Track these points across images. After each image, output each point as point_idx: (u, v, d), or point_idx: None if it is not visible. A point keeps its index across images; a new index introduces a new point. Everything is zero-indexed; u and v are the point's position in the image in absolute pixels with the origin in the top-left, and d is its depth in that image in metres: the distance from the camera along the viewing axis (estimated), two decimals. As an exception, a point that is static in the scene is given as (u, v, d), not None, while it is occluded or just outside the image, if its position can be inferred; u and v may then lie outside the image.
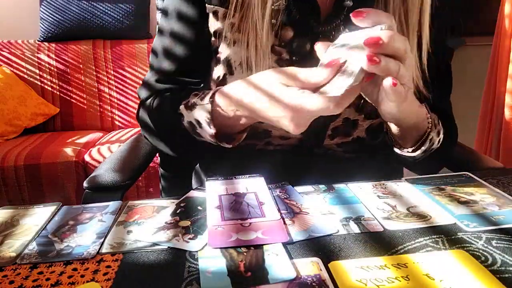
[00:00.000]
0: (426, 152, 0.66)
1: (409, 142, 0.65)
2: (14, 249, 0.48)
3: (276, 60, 0.66)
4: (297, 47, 0.65)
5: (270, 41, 0.64)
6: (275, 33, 0.65)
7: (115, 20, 2.21)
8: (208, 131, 0.62)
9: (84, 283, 0.42)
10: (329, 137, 0.71)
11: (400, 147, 0.66)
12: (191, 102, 0.63)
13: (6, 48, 2.19)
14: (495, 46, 1.80)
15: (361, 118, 0.69)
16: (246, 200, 0.57)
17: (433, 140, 0.65)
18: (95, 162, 1.73)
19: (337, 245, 0.46)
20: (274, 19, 0.63)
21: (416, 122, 0.61)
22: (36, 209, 0.58)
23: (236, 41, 0.65)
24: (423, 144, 0.64)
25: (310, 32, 0.65)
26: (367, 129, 0.71)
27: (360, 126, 0.70)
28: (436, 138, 0.65)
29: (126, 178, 0.76)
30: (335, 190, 0.60)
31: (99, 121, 2.22)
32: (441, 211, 0.53)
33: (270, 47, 0.65)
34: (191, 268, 0.43)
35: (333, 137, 0.71)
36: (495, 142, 1.83)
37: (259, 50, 0.63)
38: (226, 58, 0.67)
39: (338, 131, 0.70)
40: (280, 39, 0.65)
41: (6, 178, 1.69)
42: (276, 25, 0.64)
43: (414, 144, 0.65)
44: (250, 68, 0.64)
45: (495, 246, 0.45)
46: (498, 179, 0.63)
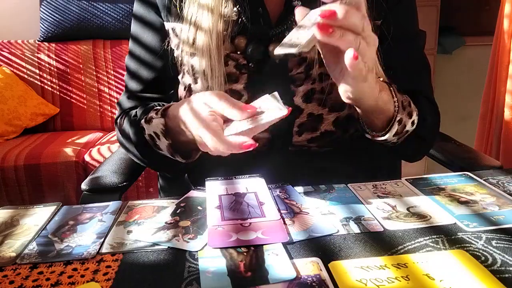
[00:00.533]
0: (400, 135, 0.67)
1: (378, 126, 0.65)
2: (14, 249, 0.48)
3: (235, 66, 0.69)
4: (252, 52, 0.68)
5: (225, 49, 0.68)
6: (230, 41, 0.68)
7: (115, 20, 2.21)
8: (164, 142, 0.65)
9: (84, 283, 0.42)
10: (297, 134, 0.71)
11: (371, 132, 0.67)
12: (149, 116, 0.67)
13: (6, 48, 2.19)
14: (495, 46, 1.80)
15: (325, 111, 0.70)
16: (246, 200, 0.57)
17: (404, 122, 0.65)
18: (95, 162, 1.73)
19: (337, 245, 0.46)
20: (226, 30, 0.67)
21: (376, 105, 0.61)
22: (36, 209, 0.58)
23: (194, 53, 0.69)
24: (391, 128, 0.64)
25: (263, 37, 0.68)
26: (335, 123, 0.71)
27: (326, 119, 0.70)
28: (408, 120, 0.66)
29: (124, 179, 0.76)
30: (335, 190, 0.60)
31: (99, 121, 2.21)
32: (441, 211, 0.53)
33: (227, 54, 0.68)
34: (191, 268, 0.43)
35: (300, 133, 0.71)
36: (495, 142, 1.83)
37: (213, 61, 0.67)
38: (190, 69, 0.71)
39: (304, 127, 0.71)
40: (235, 47, 0.69)
41: (6, 178, 1.69)
42: (228, 36, 0.68)
43: (383, 129, 0.65)
44: (207, 78, 0.68)
45: (495, 246, 0.45)
46: (498, 179, 0.63)
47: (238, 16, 0.67)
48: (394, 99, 0.63)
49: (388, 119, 0.64)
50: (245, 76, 0.69)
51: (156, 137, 0.66)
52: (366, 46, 0.50)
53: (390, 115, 0.64)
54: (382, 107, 0.62)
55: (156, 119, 0.65)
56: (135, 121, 0.71)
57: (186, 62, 0.71)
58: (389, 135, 0.64)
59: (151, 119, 0.66)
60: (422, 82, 0.77)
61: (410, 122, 0.66)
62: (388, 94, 0.62)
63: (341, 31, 0.47)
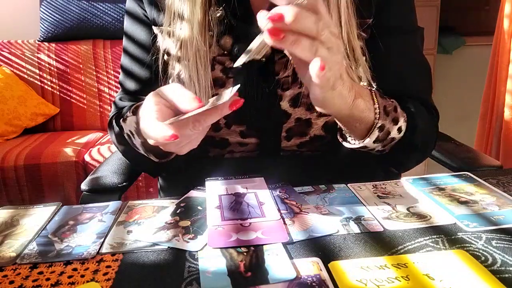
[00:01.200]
0: (385, 142, 0.63)
1: (357, 134, 0.62)
2: (14, 249, 0.48)
3: (221, 69, 0.68)
4: (238, 52, 0.66)
5: (212, 53, 0.66)
6: (216, 43, 0.67)
7: (115, 20, 2.21)
8: (137, 140, 0.63)
9: (84, 283, 0.42)
10: (285, 139, 0.70)
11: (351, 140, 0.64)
12: (126, 115, 0.66)
13: (6, 48, 2.19)
14: (495, 46, 1.80)
15: (313, 116, 0.68)
16: (246, 200, 0.57)
17: (388, 129, 0.62)
18: (95, 162, 1.73)
19: (337, 245, 0.46)
20: (211, 31, 0.65)
21: (350, 114, 0.57)
22: (36, 209, 0.58)
23: (180, 57, 0.67)
24: (370, 134, 0.60)
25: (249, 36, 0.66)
26: (324, 127, 0.70)
27: (315, 124, 0.69)
28: (393, 127, 0.62)
29: (124, 179, 0.76)
30: (335, 190, 0.60)
31: (99, 121, 2.21)
32: (441, 211, 0.53)
33: (213, 58, 0.67)
34: (191, 268, 0.43)
35: (289, 138, 0.70)
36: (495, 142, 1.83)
37: (198, 64, 0.65)
38: (177, 73, 0.69)
39: (292, 132, 0.70)
40: (222, 48, 0.67)
41: (6, 178, 1.69)
42: (213, 36, 0.66)
43: (363, 136, 0.62)
44: (194, 82, 0.66)
45: (495, 246, 0.45)
46: (498, 179, 0.63)
47: (223, 16, 0.66)
48: (375, 105, 0.60)
49: (369, 127, 0.61)
50: (231, 80, 0.68)
51: (131, 135, 0.64)
52: (327, 53, 0.46)
53: (370, 123, 0.60)
54: (358, 115, 0.58)
55: (129, 118, 0.63)
56: (117, 121, 0.70)
57: (173, 66, 0.70)
58: (368, 142, 0.61)
59: (126, 117, 0.65)
60: (417, 83, 0.73)
61: (396, 129, 0.63)
62: (367, 101, 0.59)
63: (293, 36, 0.43)
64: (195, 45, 0.64)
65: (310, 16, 0.44)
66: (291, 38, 0.43)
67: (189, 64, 0.66)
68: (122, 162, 0.82)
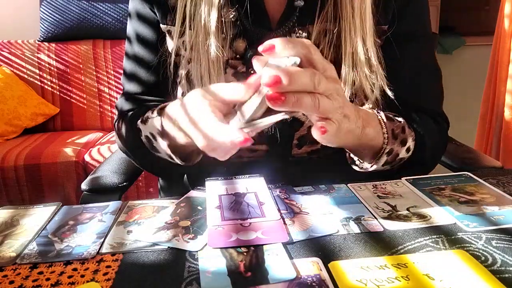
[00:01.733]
0: (393, 163, 0.64)
1: (366, 158, 0.63)
2: (14, 249, 0.48)
3: (233, 73, 0.66)
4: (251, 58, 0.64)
5: (224, 55, 0.64)
6: (229, 46, 0.65)
7: (115, 20, 2.21)
8: (162, 143, 0.61)
9: (84, 283, 0.42)
10: (297, 147, 0.70)
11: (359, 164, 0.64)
12: (145, 116, 0.64)
13: (6, 48, 2.19)
14: (495, 46, 1.80)
15: None
16: (246, 200, 0.57)
17: (396, 152, 0.63)
18: (95, 162, 1.73)
19: (337, 245, 0.46)
20: (224, 33, 0.63)
21: (359, 143, 0.58)
22: (36, 209, 0.58)
23: (191, 58, 0.66)
24: (379, 159, 0.62)
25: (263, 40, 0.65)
26: None
27: None
28: (401, 148, 0.63)
29: (124, 179, 0.76)
30: (335, 190, 0.60)
31: (99, 121, 2.21)
32: (441, 211, 0.53)
33: (226, 61, 0.65)
34: (191, 268, 0.43)
35: (300, 146, 0.70)
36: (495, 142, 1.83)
37: (211, 67, 0.63)
38: (187, 75, 0.68)
39: (304, 140, 0.69)
40: (234, 52, 0.66)
41: (6, 178, 1.69)
42: (227, 39, 0.64)
43: (371, 160, 0.62)
44: (205, 84, 0.64)
45: (495, 246, 0.45)
46: (498, 179, 0.63)
47: (236, 18, 0.64)
48: (383, 129, 0.60)
49: (377, 150, 0.62)
50: None
51: (152, 138, 0.63)
52: (328, 102, 0.46)
53: (378, 147, 0.61)
54: (367, 143, 0.59)
55: (152, 119, 0.62)
56: (131, 123, 0.68)
57: (183, 67, 0.69)
58: (376, 167, 0.62)
59: (147, 119, 0.63)
60: (429, 91, 0.73)
61: (404, 150, 0.64)
62: (375, 127, 0.59)
63: (294, 96, 0.44)
64: (208, 48, 0.62)
65: (305, 72, 0.44)
66: (292, 99, 0.44)
67: (201, 68, 0.64)
68: (123, 162, 0.82)
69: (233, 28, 0.65)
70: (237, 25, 0.65)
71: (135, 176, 0.82)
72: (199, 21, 0.63)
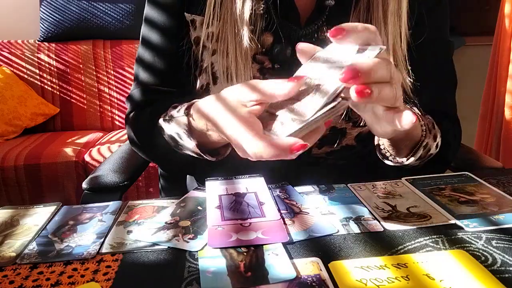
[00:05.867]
0: (423, 159, 0.64)
1: (403, 152, 0.62)
2: (14, 249, 0.48)
3: (259, 69, 0.65)
4: (278, 53, 0.63)
5: (250, 50, 0.62)
6: (256, 40, 0.63)
7: (115, 20, 2.21)
8: (189, 143, 0.58)
9: (84, 283, 0.42)
10: (317, 146, 0.69)
11: (393, 159, 0.64)
12: (169, 115, 0.61)
13: (6, 48, 2.19)
14: (495, 46, 1.80)
15: (349, 126, 0.67)
16: (246, 200, 0.57)
17: (429, 146, 0.62)
18: (95, 162, 1.73)
19: (337, 245, 0.46)
20: (253, 25, 0.61)
21: (407, 133, 0.58)
22: (36, 209, 0.58)
23: (215, 50, 0.63)
24: (417, 152, 0.61)
25: (291, 36, 0.64)
26: (357, 138, 0.69)
27: (349, 134, 0.68)
28: (433, 144, 0.63)
29: (125, 179, 0.76)
30: (335, 190, 0.60)
31: (99, 121, 2.21)
32: (441, 211, 0.53)
33: (252, 56, 0.63)
34: (191, 268, 0.43)
35: (320, 146, 0.69)
36: (495, 142, 1.83)
37: (239, 59, 0.61)
38: (209, 67, 0.65)
39: (325, 140, 0.68)
40: (260, 47, 0.64)
41: (6, 178, 1.69)
42: (255, 32, 0.62)
43: (407, 154, 0.62)
44: (231, 78, 0.62)
45: (495, 246, 0.45)
46: (498, 179, 0.63)
47: (265, 11, 0.62)
48: (421, 122, 0.60)
49: (414, 144, 0.61)
50: None
51: (178, 137, 0.59)
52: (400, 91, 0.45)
53: (416, 141, 0.61)
54: (412, 133, 0.59)
55: (177, 119, 0.58)
56: (151, 119, 0.64)
57: (205, 59, 0.66)
58: (412, 160, 0.61)
59: (172, 118, 0.59)
60: (448, 98, 0.73)
61: (434, 145, 0.63)
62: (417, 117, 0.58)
63: (377, 88, 0.41)
64: (238, 39, 0.60)
65: (382, 63, 0.42)
66: (376, 91, 0.41)
67: (227, 60, 0.61)
68: (123, 161, 0.82)
69: (262, 21, 0.62)
70: (265, 19, 0.62)
71: (136, 175, 0.82)
72: (228, 11, 0.60)
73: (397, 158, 0.63)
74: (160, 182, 0.98)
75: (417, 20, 0.65)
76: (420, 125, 0.60)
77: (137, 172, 0.83)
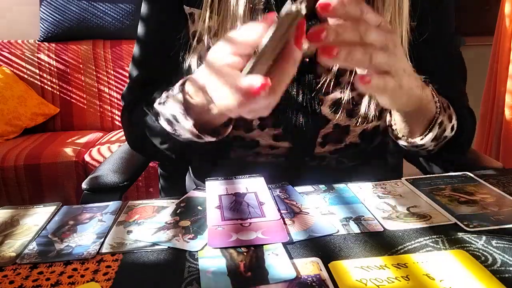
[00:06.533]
0: (438, 141, 0.62)
1: (417, 130, 0.61)
2: (14, 249, 0.48)
3: None
4: None
5: None
6: None
7: (115, 20, 2.21)
8: (186, 124, 0.55)
9: (84, 283, 0.42)
10: (320, 145, 0.68)
11: (406, 140, 0.62)
12: (163, 98, 0.58)
13: (6, 48, 2.19)
14: (495, 46, 1.80)
15: (352, 123, 0.66)
16: (246, 200, 0.57)
17: (444, 126, 0.61)
18: (95, 162, 1.73)
19: (337, 245, 0.46)
20: (252, 19, 0.60)
21: (420, 105, 0.56)
22: (36, 209, 0.58)
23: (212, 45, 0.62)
24: (432, 129, 0.59)
25: None
26: (361, 135, 0.69)
27: (352, 131, 0.67)
28: (449, 124, 0.61)
29: (125, 179, 0.76)
30: (335, 190, 0.60)
31: (99, 121, 2.21)
32: (441, 211, 0.53)
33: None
34: (191, 268, 0.43)
35: (324, 145, 0.69)
36: (495, 142, 1.83)
37: None
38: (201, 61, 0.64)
39: (329, 138, 0.68)
40: None
41: (6, 178, 1.69)
42: None
43: (422, 132, 0.60)
44: None
45: (495, 246, 0.45)
46: (498, 179, 0.63)
47: (265, 6, 0.61)
48: (435, 98, 0.58)
49: (428, 122, 0.60)
50: None
51: (174, 120, 0.56)
52: (383, 56, 0.43)
53: (430, 118, 0.59)
54: (426, 106, 0.57)
55: (172, 98, 0.56)
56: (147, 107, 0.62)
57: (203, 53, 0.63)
58: (429, 138, 0.60)
59: (167, 98, 0.57)
60: (459, 90, 0.72)
61: (450, 127, 0.62)
62: (429, 93, 0.57)
63: (346, 50, 0.41)
64: None
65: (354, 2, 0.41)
66: (343, 53, 0.41)
67: None
68: (123, 162, 0.82)
69: (261, 15, 0.61)
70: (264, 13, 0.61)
71: (136, 175, 0.82)
72: (227, 6, 0.60)
73: (410, 139, 0.62)
74: (160, 182, 0.98)
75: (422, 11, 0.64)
76: (434, 102, 0.58)
77: (137, 172, 0.83)
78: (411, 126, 0.61)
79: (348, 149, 0.70)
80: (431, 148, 0.64)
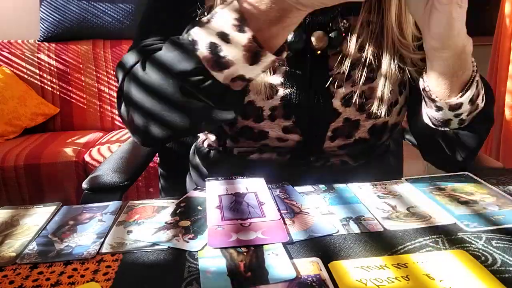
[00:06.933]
0: (471, 109, 0.61)
1: (455, 89, 0.60)
2: (14, 249, 0.48)
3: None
4: (293, 39, 0.63)
5: None
6: None
7: (115, 20, 2.21)
8: (241, 38, 0.46)
9: (84, 283, 0.42)
10: (330, 139, 0.68)
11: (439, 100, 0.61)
12: (205, 19, 0.49)
13: (6, 48, 2.19)
14: (495, 46, 1.80)
15: (362, 118, 0.67)
16: (246, 200, 0.57)
17: (479, 89, 0.61)
18: (95, 162, 1.73)
19: (337, 245, 0.46)
20: None
21: (462, 51, 0.57)
22: (36, 209, 0.58)
23: None
24: (470, 87, 0.59)
25: (304, 25, 0.63)
26: (370, 130, 0.69)
27: (362, 126, 0.68)
28: (481, 91, 0.61)
29: (125, 179, 0.76)
30: (335, 190, 0.60)
31: (99, 121, 2.21)
32: (441, 211, 0.53)
33: None
34: (191, 268, 0.43)
35: (333, 139, 0.68)
36: (495, 142, 1.83)
37: None
38: None
39: (339, 132, 0.68)
40: None
41: (6, 178, 1.69)
42: None
43: (459, 91, 0.60)
44: None
45: (495, 246, 0.45)
46: (498, 179, 0.63)
47: None
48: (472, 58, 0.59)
49: (464, 83, 0.60)
50: (282, 69, 0.64)
51: (222, 40, 0.47)
52: None
53: (468, 76, 0.60)
54: (466, 58, 0.58)
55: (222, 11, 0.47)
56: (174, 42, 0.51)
57: None
58: (467, 96, 0.59)
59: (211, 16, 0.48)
60: None
61: (481, 95, 0.62)
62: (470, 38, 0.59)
63: None
64: None
65: None
66: None
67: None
68: (124, 161, 0.82)
69: None
70: None
71: (136, 175, 0.82)
72: None
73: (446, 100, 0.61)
74: (160, 182, 0.98)
75: None
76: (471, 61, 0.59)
77: (137, 172, 0.83)
78: (450, 82, 0.60)
79: (356, 144, 0.69)
80: (466, 114, 0.62)
